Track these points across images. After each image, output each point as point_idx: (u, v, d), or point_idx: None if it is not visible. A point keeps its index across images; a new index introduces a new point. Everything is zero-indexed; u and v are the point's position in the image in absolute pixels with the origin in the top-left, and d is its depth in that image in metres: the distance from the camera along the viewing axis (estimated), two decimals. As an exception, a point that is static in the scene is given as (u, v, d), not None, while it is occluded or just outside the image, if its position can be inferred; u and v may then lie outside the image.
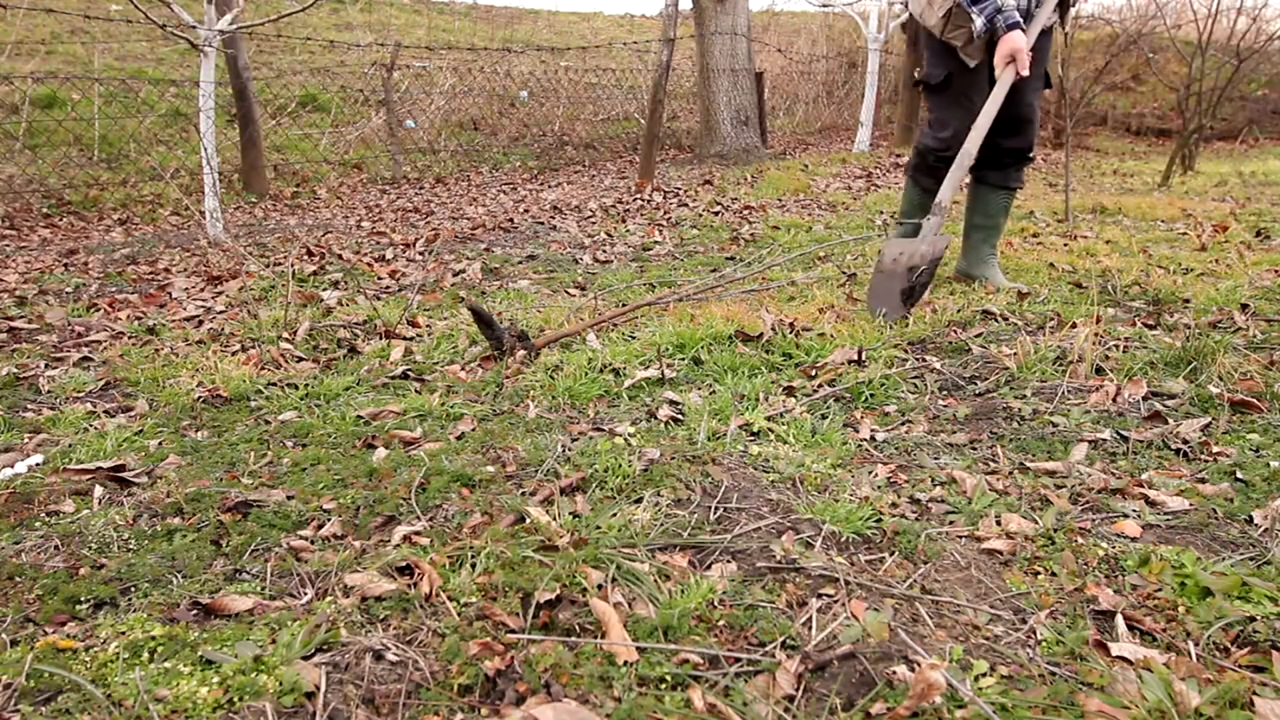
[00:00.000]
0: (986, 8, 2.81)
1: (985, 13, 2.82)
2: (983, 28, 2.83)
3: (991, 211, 3.26)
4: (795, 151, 10.13)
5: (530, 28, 14.94)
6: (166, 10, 4.97)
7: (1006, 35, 2.81)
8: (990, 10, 2.81)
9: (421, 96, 9.79)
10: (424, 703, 1.11)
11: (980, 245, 3.30)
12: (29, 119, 7.38)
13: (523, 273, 4.06)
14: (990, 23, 2.82)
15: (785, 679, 1.14)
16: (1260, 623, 1.23)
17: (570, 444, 1.95)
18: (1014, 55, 2.81)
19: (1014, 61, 2.82)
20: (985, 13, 2.82)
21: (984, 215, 3.27)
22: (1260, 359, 2.30)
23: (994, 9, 2.81)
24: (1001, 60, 2.85)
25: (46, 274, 4.21)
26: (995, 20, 2.81)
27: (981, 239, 3.29)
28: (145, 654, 1.21)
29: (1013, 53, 2.81)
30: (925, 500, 1.66)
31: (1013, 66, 2.83)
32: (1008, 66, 2.84)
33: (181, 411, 2.28)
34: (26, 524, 1.64)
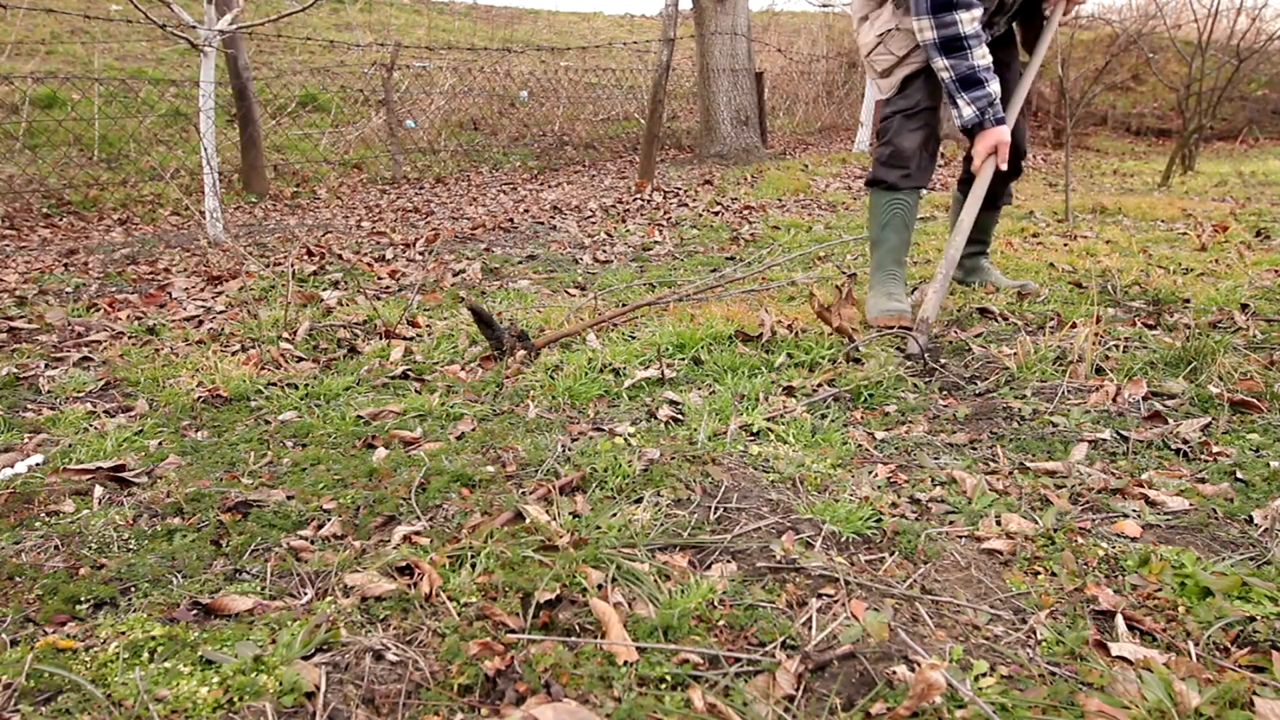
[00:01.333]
0: (980, 99, 2.62)
1: (978, 104, 2.62)
2: (972, 119, 2.65)
3: (984, 227, 3.23)
4: (795, 151, 10.13)
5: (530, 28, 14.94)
6: (166, 10, 4.97)
7: (994, 129, 2.67)
8: (984, 102, 2.62)
9: (421, 96, 9.79)
10: (424, 703, 1.11)
11: (974, 257, 3.29)
12: (29, 119, 7.38)
13: (523, 273, 4.06)
14: (980, 115, 2.64)
15: (785, 679, 1.14)
16: (1260, 623, 1.23)
17: (570, 444, 1.95)
18: (997, 149, 2.69)
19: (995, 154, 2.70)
20: (978, 104, 2.62)
21: (977, 231, 3.25)
22: (1260, 359, 2.30)
23: (987, 101, 2.62)
24: (984, 152, 2.71)
25: (46, 274, 4.21)
26: (986, 113, 2.64)
27: (975, 251, 3.29)
28: (145, 654, 1.21)
29: (995, 144, 2.68)
30: (925, 500, 1.66)
31: (994, 159, 2.70)
32: (989, 158, 2.71)
33: (181, 411, 2.28)
34: (26, 524, 1.64)
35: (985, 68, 2.60)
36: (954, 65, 2.58)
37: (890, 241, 2.88)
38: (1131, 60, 11.58)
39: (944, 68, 2.60)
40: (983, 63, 2.59)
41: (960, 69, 2.58)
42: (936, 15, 2.54)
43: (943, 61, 2.59)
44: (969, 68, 2.57)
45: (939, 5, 2.52)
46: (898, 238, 2.87)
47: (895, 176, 2.81)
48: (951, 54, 2.57)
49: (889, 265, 2.87)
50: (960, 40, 2.55)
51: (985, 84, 2.60)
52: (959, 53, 2.56)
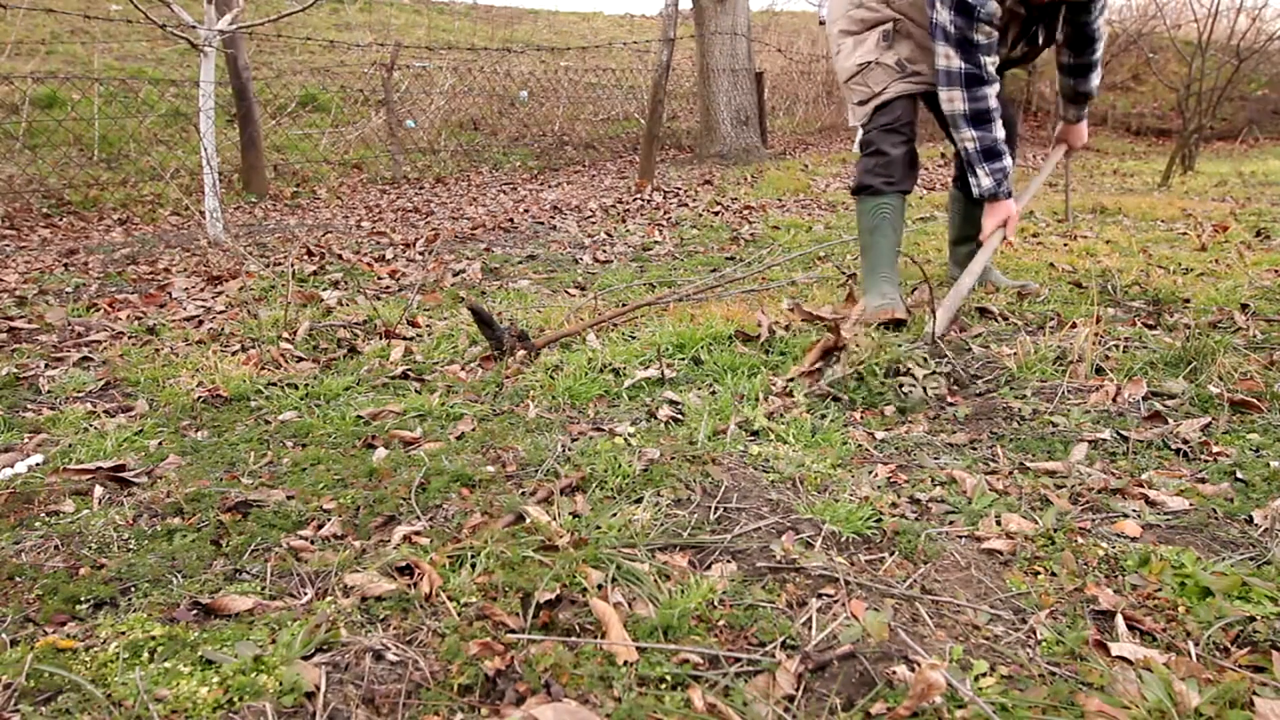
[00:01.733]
0: (999, 171, 2.72)
1: (996, 175, 2.73)
2: (990, 189, 2.74)
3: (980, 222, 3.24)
4: (795, 151, 10.13)
5: (530, 28, 14.94)
6: (166, 10, 4.97)
7: (1005, 202, 2.76)
8: (1001, 175, 2.73)
9: (421, 96, 9.79)
10: (424, 703, 1.11)
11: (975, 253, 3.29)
12: (29, 119, 7.38)
13: (523, 273, 4.06)
14: (997, 186, 2.74)
15: (785, 679, 1.14)
16: (1260, 623, 1.23)
17: (570, 444, 1.95)
18: (1005, 222, 2.78)
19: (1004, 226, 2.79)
20: (996, 175, 2.73)
21: (974, 226, 3.25)
22: (1260, 359, 2.30)
23: (1004, 174, 2.72)
24: (994, 225, 2.79)
25: (46, 274, 4.21)
26: (1001, 185, 2.74)
27: (975, 247, 3.28)
28: (145, 654, 1.21)
29: (1005, 219, 2.77)
30: (925, 500, 1.66)
31: (1000, 231, 2.79)
32: (996, 231, 2.79)
33: (181, 411, 2.28)
34: (26, 524, 1.64)
35: (1003, 140, 2.73)
36: (981, 138, 2.70)
37: (880, 246, 2.91)
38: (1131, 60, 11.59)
39: (970, 139, 2.71)
40: (1001, 135, 2.72)
41: (985, 141, 2.70)
42: (969, 89, 2.64)
43: (970, 133, 2.70)
44: (993, 140, 2.70)
45: (971, 79, 2.63)
46: (886, 242, 2.91)
47: (880, 182, 2.87)
48: (979, 126, 2.69)
49: (881, 269, 2.90)
50: (989, 114, 2.68)
51: (1003, 157, 2.73)
52: (986, 125, 2.69)
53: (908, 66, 2.84)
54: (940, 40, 2.63)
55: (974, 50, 2.61)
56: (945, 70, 2.65)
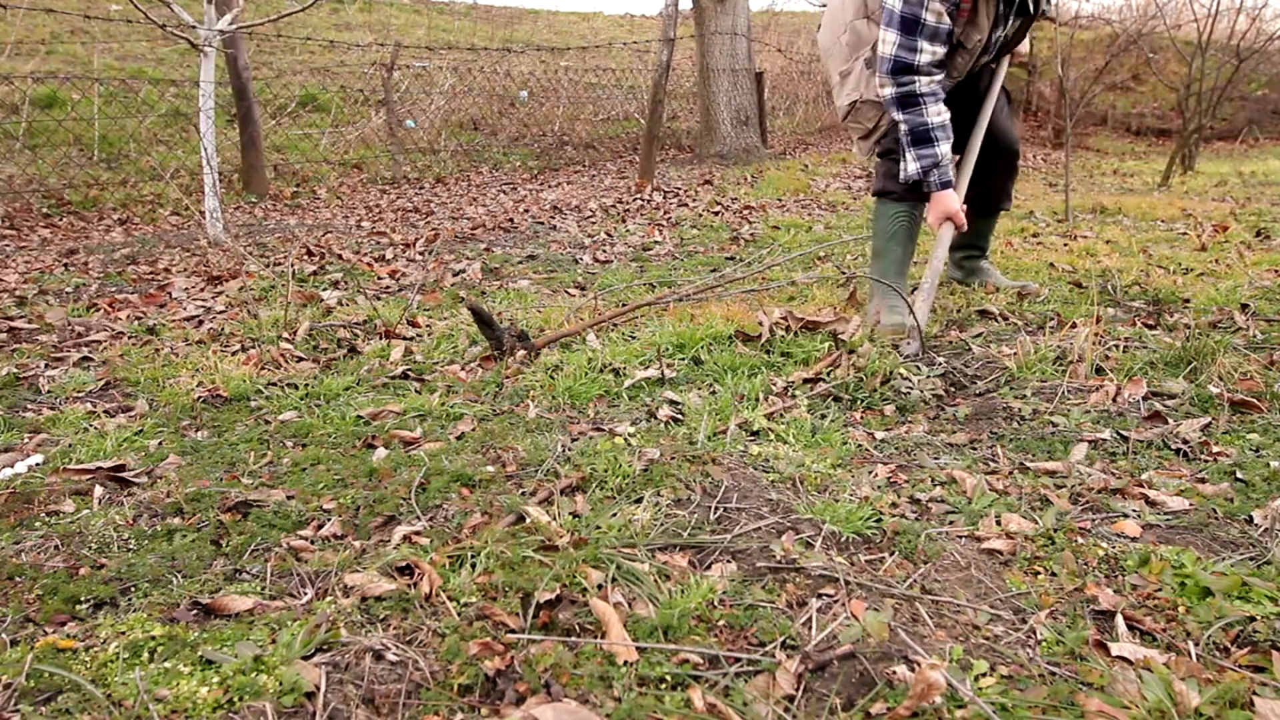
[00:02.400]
0: (926, 157, 2.63)
1: (923, 162, 2.64)
2: (914, 175, 2.65)
3: (983, 232, 3.24)
4: (795, 151, 10.13)
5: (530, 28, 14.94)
6: (166, 10, 4.97)
7: (939, 194, 2.67)
8: (929, 162, 2.64)
9: (421, 96, 9.79)
10: (424, 703, 1.11)
11: (972, 259, 3.29)
12: (29, 119, 7.38)
13: (523, 273, 4.06)
14: (924, 175, 2.65)
15: (785, 679, 1.14)
16: (1260, 623, 1.23)
17: (570, 444, 1.95)
18: (949, 216, 2.69)
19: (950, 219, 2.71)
20: (923, 162, 2.64)
21: (975, 236, 3.25)
22: (1260, 359, 2.30)
23: (933, 162, 2.63)
24: (936, 220, 2.72)
25: (46, 274, 4.21)
26: (931, 174, 2.65)
27: (974, 253, 3.29)
28: (145, 654, 1.21)
29: (947, 214, 2.69)
30: (925, 500, 1.66)
31: (950, 223, 2.71)
32: (945, 223, 2.72)
33: (181, 411, 2.28)
34: (26, 524, 1.64)
35: (939, 126, 2.64)
36: (908, 120, 2.64)
37: (895, 254, 2.90)
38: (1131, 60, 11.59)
39: (900, 121, 2.67)
40: (936, 120, 2.63)
41: (913, 123, 2.64)
42: (894, 76, 2.61)
43: (898, 115, 2.66)
44: (921, 123, 2.63)
45: (899, 68, 2.60)
46: (902, 250, 2.90)
47: (901, 187, 2.82)
48: (906, 109, 2.64)
49: (892, 277, 2.88)
50: (916, 98, 2.62)
51: (935, 143, 2.64)
52: (914, 109, 2.63)
53: None
54: (884, 24, 2.59)
55: (917, 33, 2.55)
56: (880, 56, 2.62)
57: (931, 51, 2.58)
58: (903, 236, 2.88)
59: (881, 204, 2.91)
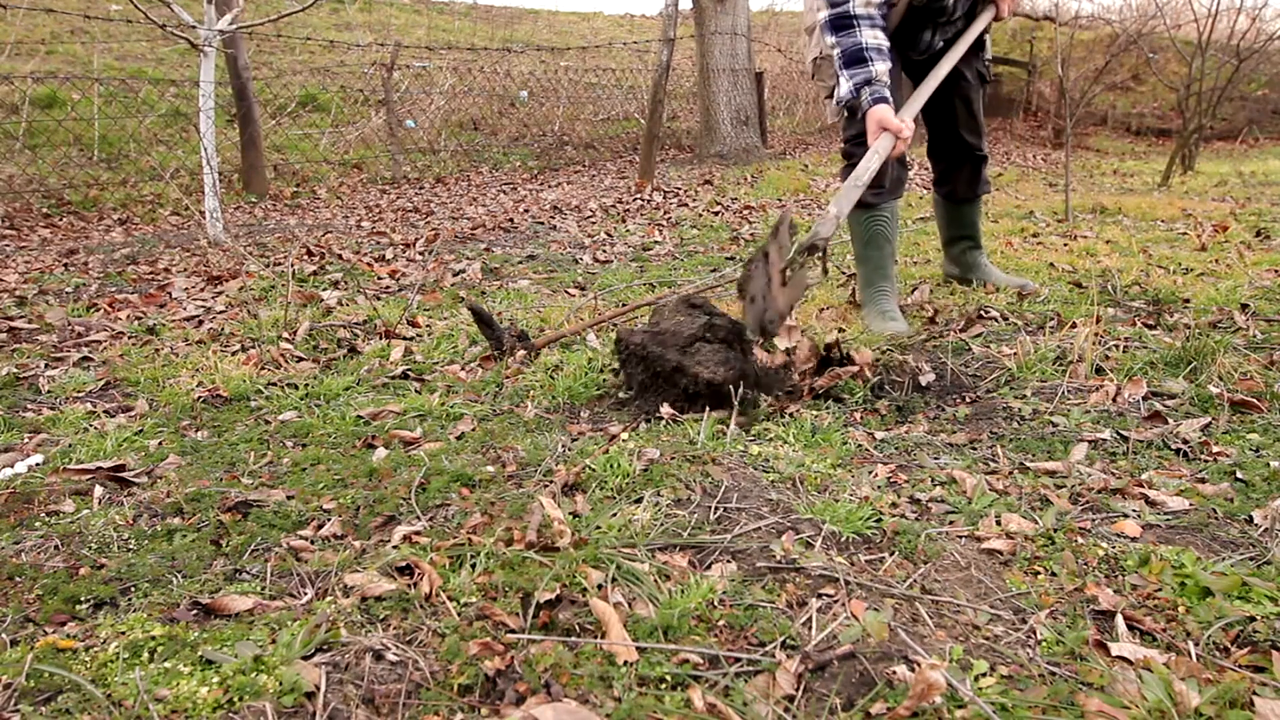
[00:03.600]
0: (858, 75, 2.54)
1: (855, 80, 2.54)
2: (847, 95, 2.56)
3: (967, 222, 3.22)
4: (795, 151, 10.13)
5: (530, 28, 14.94)
6: (166, 10, 4.98)
7: (873, 110, 2.53)
8: (860, 79, 2.54)
9: (421, 96, 9.79)
10: (424, 703, 1.11)
11: (968, 252, 3.29)
12: (29, 119, 7.38)
13: (523, 273, 4.06)
14: (856, 93, 2.56)
15: (785, 679, 1.14)
16: (1260, 623, 1.23)
17: (570, 444, 1.95)
18: (884, 128, 2.53)
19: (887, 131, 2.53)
20: (855, 80, 2.54)
21: (961, 226, 3.24)
22: (1260, 359, 2.30)
23: (864, 79, 2.53)
24: (873, 134, 2.55)
25: (46, 274, 4.21)
26: (863, 91, 2.53)
27: (968, 246, 3.28)
28: (145, 654, 1.21)
29: (882, 125, 2.53)
30: (925, 500, 1.66)
31: (888, 134, 2.52)
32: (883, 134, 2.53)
33: (181, 411, 2.28)
34: (26, 524, 1.64)
35: (874, 48, 2.56)
36: (840, 42, 2.58)
37: (875, 259, 2.89)
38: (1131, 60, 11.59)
39: (832, 44, 2.60)
40: (872, 43, 2.56)
41: (845, 45, 2.57)
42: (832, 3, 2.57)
43: (831, 39, 2.60)
44: (854, 44, 2.56)
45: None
46: (881, 253, 2.89)
47: (869, 195, 2.78)
48: (839, 32, 2.57)
49: (878, 282, 2.88)
50: (849, 19, 2.56)
51: (869, 63, 2.55)
52: (846, 31, 2.56)
53: None
54: None
55: None
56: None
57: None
58: (881, 240, 2.87)
59: (853, 214, 2.86)
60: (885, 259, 2.90)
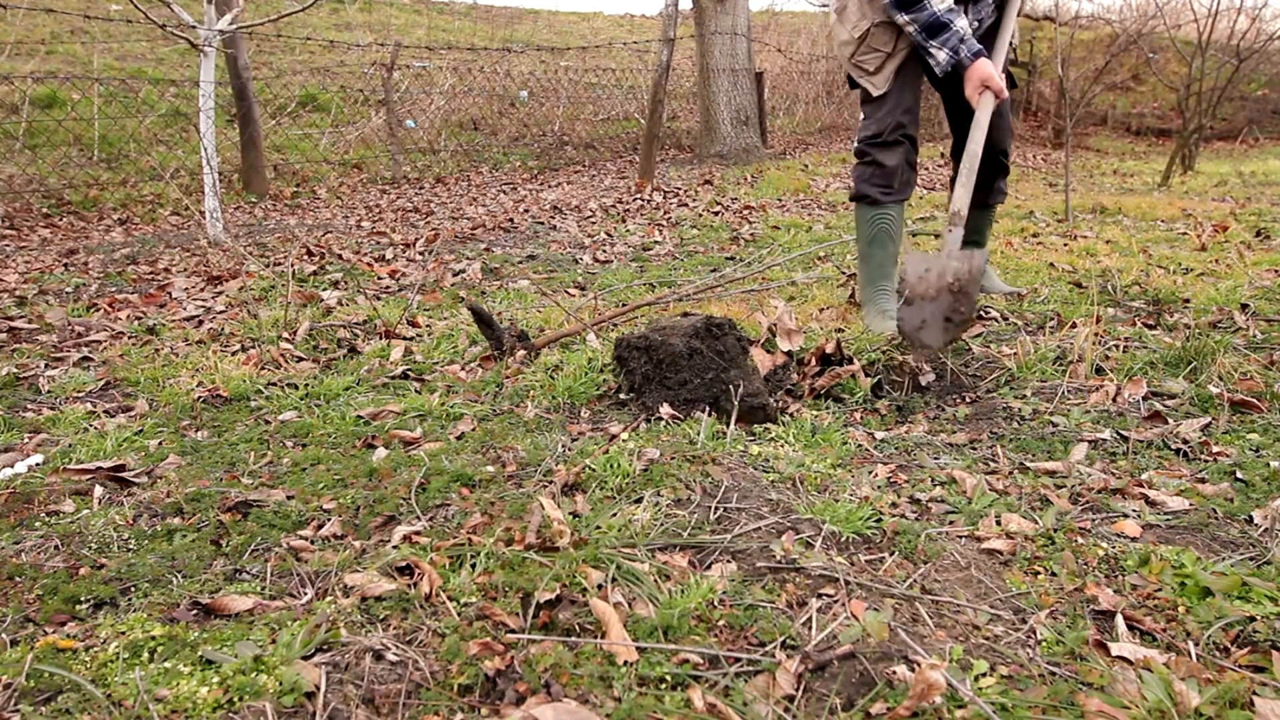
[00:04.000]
0: (949, 39, 2.59)
1: (949, 45, 2.60)
2: (948, 62, 2.63)
3: (979, 226, 3.23)
4: (795, 151, 10.13)
5: (530, 28, 14.94)
6: (166, 10, 4.98)
7: (975, 64, 2.62)
8: (954, 41, 2.59)
9: (421, 96, 9.79)
10: (424, 703, 1.11)
11: None
12: (29, 119, 7.38)
13: (523, 273, 4.06)
14: (955, 54, 2.61)
15: (785, 679, 1.14)
16: (1260, 623, 1.23)
17: (570, 444, 1.95)
18: (986, 83, 2.62)
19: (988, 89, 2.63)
20: (949, 45, 2.60)
21: (972, 231, 3.24)
22: (1260, 359, 2.30)
23: (957, 39, 2.59)
24: (975, 90, 2.65)
25: (46, 274, 4.21)
26: (960, 51, 2.61)
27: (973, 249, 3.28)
28: (145, 654, 1.21)
29: (984, 80, 2.62)
30: (925, 500, 1.66)
31: (990, 93, 2.63)
32: (985, 93, 2.64)
33: (181, 411, 2.28)
34: (26, 524, 1.64)
35: (947, 10, 2.60)
36: (915, 18, 2.61)
37: (878, 257, 2.90)
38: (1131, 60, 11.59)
39: (908, 22, 2.63)
40: (943, 7, 2.59)
41: (923, 19, 2.60)
42: None
43: (904, 17, 2.62)
44: (930, 15, 2.60)
45: None
46: (884, 252, 2.90)
47: (878, 192, 2.83)
48: (911, 9, 2.60)
49: (879, 280, 2.90)
50: None
51: (950, 25, 2.60)
52: (916, 6, 2.60)
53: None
54: None
55: None
56: None
57: None
58: (885, 238, 2.88)
59: (860, 208, 2.89)
60: (888, 259, 2.91)
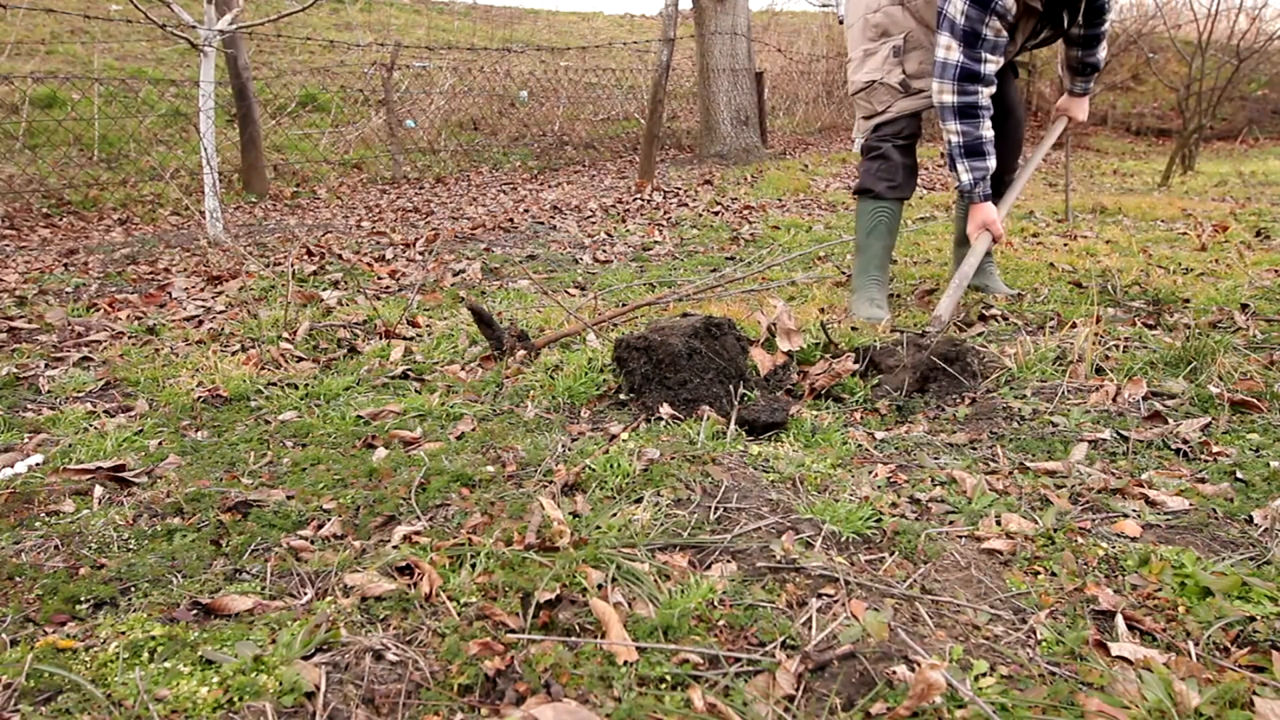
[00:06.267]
0: (978, 169, 2.70)
1: (975, 174, 2.71)
2: (968, 185, 2.72)
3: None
4: (795, 151, 10.13)
5: (530, 28, 14.94)
6: (166, 10, 4.98)
7: (982, 206, 2.73)
8: (980, 174, 2.71)
9: (421, 96, 9.79)
10: (424, 703, 1.11)
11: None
12: (29, 119, 7.38)
13: (523, 272, 4.06)
14: (973, 186, 2.72)
15: (785, 679, 1.14)
16: (1260, 623, 1.23)
17: (570, 444, 1.95)
18: (987, 226, 2.74)
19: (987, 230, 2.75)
20: (975, 174, 2.71)
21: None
22: (1260, 359, 2.30)
23: (983, 174, 2.71)
24: (975, 229, 2.77)
25: (46, 274, 4.21)
26: (978, 186, 2.72)
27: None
28: (145, 654, 1.21)
29: (985, 224, 2.74)
30: (925, 500, 1.66)
31: (987, 234, 2.75)
32: (982, 234, 2.76)
33: (181, 411, 2.28)
34: (26, 524, 1.64)
35: (989, 141, 2.69)
36: (965, 132, 2.67)
37: (874, 248, 2.99)
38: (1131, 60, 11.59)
39: (955, 131, 2.69)
40: (988, 135, 2.68)
41: (970, 137, 2.68)
42: (961, 83, 2.62)
43: (955, 126, 2.68)
44: (977, 138, 2.68)
45: (966, 75, 2.60)
46: (881, 244, 2.99)
47: (882, 186, 2.93)
48: (965, 120, 2.66)
49: (872, 271, 2.98)
50: (976, 110, 2.65)
51: (986, 157, 2.70)
52: (972, 121, 2.66)
53: (912, 85, 2.86)
54: (945, 31, 2.61)
55: (979, 45, 2.58)
56: (942, 62, 2.63)
57: (995, 62, 2.63)
58: (882, 231, 2.98)
59: (863, 202, 3.01)
60: (883, 251, 2.99)
